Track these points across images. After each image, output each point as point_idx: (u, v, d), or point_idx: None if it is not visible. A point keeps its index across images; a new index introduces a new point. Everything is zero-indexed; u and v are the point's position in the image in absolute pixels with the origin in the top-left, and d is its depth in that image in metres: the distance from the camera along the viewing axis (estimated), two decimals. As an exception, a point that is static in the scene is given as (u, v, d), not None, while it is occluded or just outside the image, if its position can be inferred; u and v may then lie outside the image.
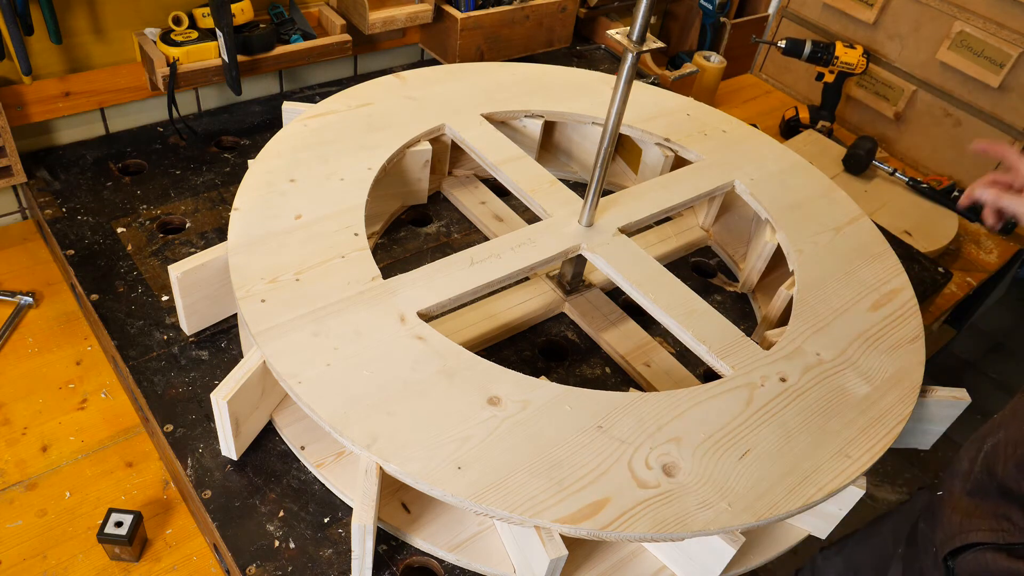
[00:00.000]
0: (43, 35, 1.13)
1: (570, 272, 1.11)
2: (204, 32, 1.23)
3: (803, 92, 2.03)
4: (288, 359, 0.81)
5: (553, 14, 1.59)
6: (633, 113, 1.29)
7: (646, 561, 0.87)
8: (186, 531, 0.90)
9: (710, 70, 1.83)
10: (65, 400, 1.00)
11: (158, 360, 0.98)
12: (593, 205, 1.03)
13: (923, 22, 1.73)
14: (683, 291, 0.99)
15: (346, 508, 0.86)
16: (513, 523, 0.74)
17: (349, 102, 1.19)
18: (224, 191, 1.23)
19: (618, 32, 0.88)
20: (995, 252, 1.64)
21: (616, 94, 0.91)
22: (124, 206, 1.18)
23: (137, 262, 1.10)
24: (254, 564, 0.80)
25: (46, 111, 1.20)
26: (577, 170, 1.40)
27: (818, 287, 1.04)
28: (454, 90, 1.26)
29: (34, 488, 0.91)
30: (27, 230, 1.23)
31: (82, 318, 1.11)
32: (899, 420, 0.89)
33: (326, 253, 0.93)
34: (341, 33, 1.37)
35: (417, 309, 0.89)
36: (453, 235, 1.23)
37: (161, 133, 1.32)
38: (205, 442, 0.90)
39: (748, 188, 1.19)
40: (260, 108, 1.42)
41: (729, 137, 1.30)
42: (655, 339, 1.09)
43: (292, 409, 0.92)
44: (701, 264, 1.29)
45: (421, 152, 1.16)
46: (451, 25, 1.47)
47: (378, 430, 0.76)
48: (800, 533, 0.92)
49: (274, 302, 0.86)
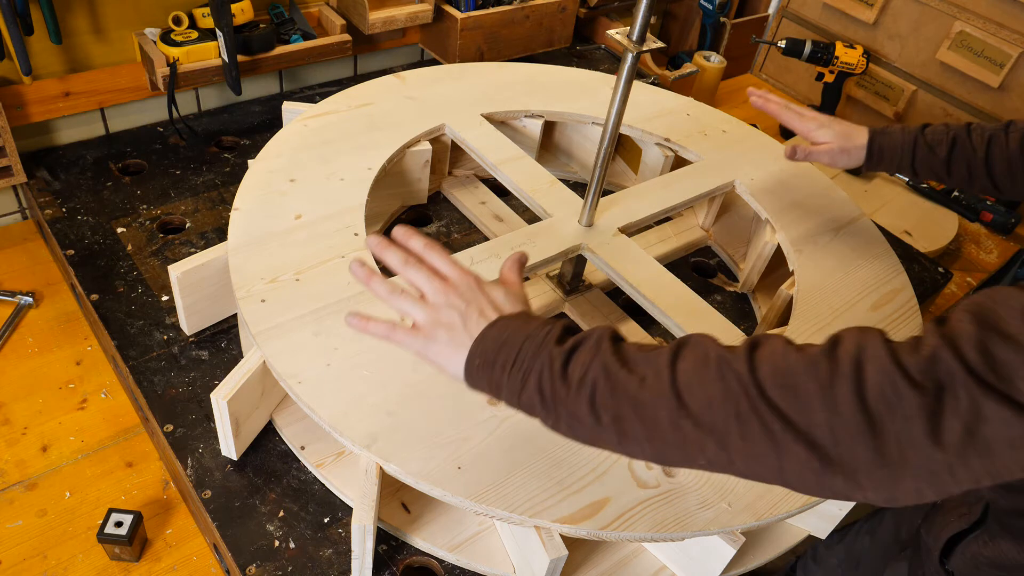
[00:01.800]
0: (43, 35, 1.13)
1: (570, 272, 1.11)
2: (204, 32, 1.23)
3: (803, 92, 2.03)
4: (288, 359, 0.81)
5: (553, 14, 1.59)
6: (633, 113, 1.29)
7: (646, 561, 0.87)
8: (186, 531, 0.90)
9: (710, 70, 1.83)
10: (65, 400, 1.00)
11: (158, 360, 0.98)
12: (593, 205, 1.03)
13: (923, 22, 1.73)
14: (683, 291, 0.99)
15: (346, 508, 0.86)
16: (513, 523, 0.74)
17: (349, 102, 1.19)
18: (224, 191, 1.23)
19: (618, 32, 0.88)
20: (995, 252, 1.64)
21: (616, 94, 0.91)
22: (124, 206, 1.18)
23: (137, 262, 1.10)
24: (254, 564, 0.80)
25: (46, 111, 1.20)
26: (577, 170, 1.40)
27: (818, 287, 1.04)
28: (454, 90, 1.26)
29: (34, 488, 0.91)
30: (27, 230, 1.23)
31: (82, 318, 1.11)
32: (899, 420, 0.89)
33: (326, 253, 0.93)
34: (341, 33, 1.37)
35: (417, 309, 0.88)
36: (453, 235, 1.23)
37: (161, 133, 1.32)
38: (205, 442, 0.90)
39: (748, 188, 1.19)
40: (260, 108, 1.42)
41: (729, 137, 1.30)
42: (655, 339, 1.09)
43: (292, 409, 0.92)
44: (701, 264, 1.29)
45: (421, 152, 1.16)
46: (451, 25, 1.47)
47: (378, 430, 0.76)
48: (800, 533, 0.92)
49: (274, 302, 0.86)
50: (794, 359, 0.55)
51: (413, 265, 0.69)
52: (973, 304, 0.53)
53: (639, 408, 0.58)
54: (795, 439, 0.53)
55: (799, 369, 0.54)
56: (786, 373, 0.54)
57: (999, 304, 0.52)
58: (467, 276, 0.69)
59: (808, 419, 0.52)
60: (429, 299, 0.67)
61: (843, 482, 0.53)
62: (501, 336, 0.63)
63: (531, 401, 0.62)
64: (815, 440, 0.52)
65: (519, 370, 0.61)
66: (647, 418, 0.57)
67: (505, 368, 0.62)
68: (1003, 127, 0.98)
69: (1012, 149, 0.97)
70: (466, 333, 0.65)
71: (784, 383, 0.54)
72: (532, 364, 0.61)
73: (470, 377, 0.65)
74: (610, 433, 0.59)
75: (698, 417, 0.56)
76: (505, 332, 0.64)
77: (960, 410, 0.49)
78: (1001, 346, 0.50)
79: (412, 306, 0.68)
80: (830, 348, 0.55)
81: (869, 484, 0.52)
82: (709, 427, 0.55)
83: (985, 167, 0.98)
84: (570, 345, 0.61)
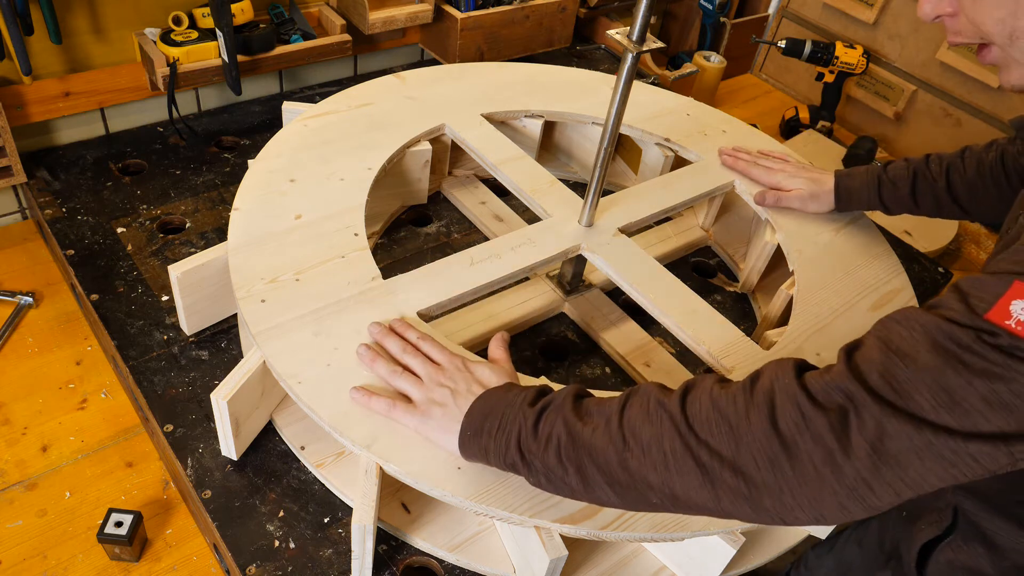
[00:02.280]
0: (43, 35, 1.13)
1: (570, 272, 1.11)
2: (204, 32, 1.23)
3: (803, 92, 2.03)
4: (288, 359, 0.81)
5: (553, 14, 1.59)
6: (633, 113, 1.29)
7: (646, 561, 0.87)
8: (186, 531, 0.90)
9: (710, 70, 1.83)
10: (65, 400, 1.00)
11: (158, 360, 0.98)
12: (593, 205, 1.03)
13: (923, 22, 1.73)
14: (683, 291, 0.99)
15: (346, 508, 0.86)
16: (513, 523, 0.74)
17: (349, 102, 1.19)
18: (224, 191, 1.23)
19: (618, 32, 0.88)
20: (995, 252, 1.64)
21: (616, 94, 0.91)
22: (124, 206, 1.18)
23: (137, 262, 1.10)
24: (254, 564, 0.80)
25: (46, 111, 1.20)
26: (577, 170, 1.40)
27: (818, 287, 1.04)
28: (454, 90, 1.26)
29: (34, 488, 0.91)
30: (27, 230, 1.23)
31: (82, 318, 1.11)
32: (899, 420, 0.89)
33: (326, 253, 0.93)
34: (341, 33, 1.37)
35: (417, 309, 0.89)
36: (453, 235, 1.23)
37: (161, 133, 1.32)
38: (205, 442, 0.90)
39: (748, 188, 1.19)
40: (260, 108, 1.42)
41: (729, 137, 1.30)
42: (655, 339, 1.09)
43: (292, 409, 0.92)
44: (701, 264, 1.29)
45: (421, 152, 1.16)
46: (451, 25, 1.47)
47: (378, 430, 0.76)
48: (800, 533, 0.92)
49: (274, 302, 0.86)
50: (718, 395, 0.61)
51: (410, 352, 0.80)
52: (882, 325, 0.59)
53: (593, 454, 0.64)
54: (722, 467, 0.58)
55: (721, 403, 0.60)
56: (711, 408, 0.61)
57: (903, 324, 0.57)
58: (455, 359, 0.78)
59: (732, 448, 0.58)
60: (423, 380, 0.77)
61: (772, 504, 0.58)
62: (486, 407, 0.71)
63: (514, 460, 0.68)
64: (739, 467, 0.58)
65: (502, 433, 0.69)
66: (601, 463, 0.64)
67: (491, 434, 0.69)
68: (959, 154, 1.04)
69: (969, 175, 1.02)
70: (456, 408, 0.73)
71: (709, 417, 0.60)
72: (512, 427, 0.68)
73: (463, 448, 0.72)
74: (576, 482, 0.65)
75: (640, 457, 0.62)
76: (489, 403, 0.72)
77: (865, 428, 0.54)
78: (900, 366, 0.55)
79: (409, 385, 0.77)
80: (749, 382, 0.61)
81: (795, 503, 0.57)
82: (651, 465, 0.61)
83: (949, 195, 1.04)
84: (540, 406, 0.69)
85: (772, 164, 1.18)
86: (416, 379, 0.77)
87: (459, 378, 0.76)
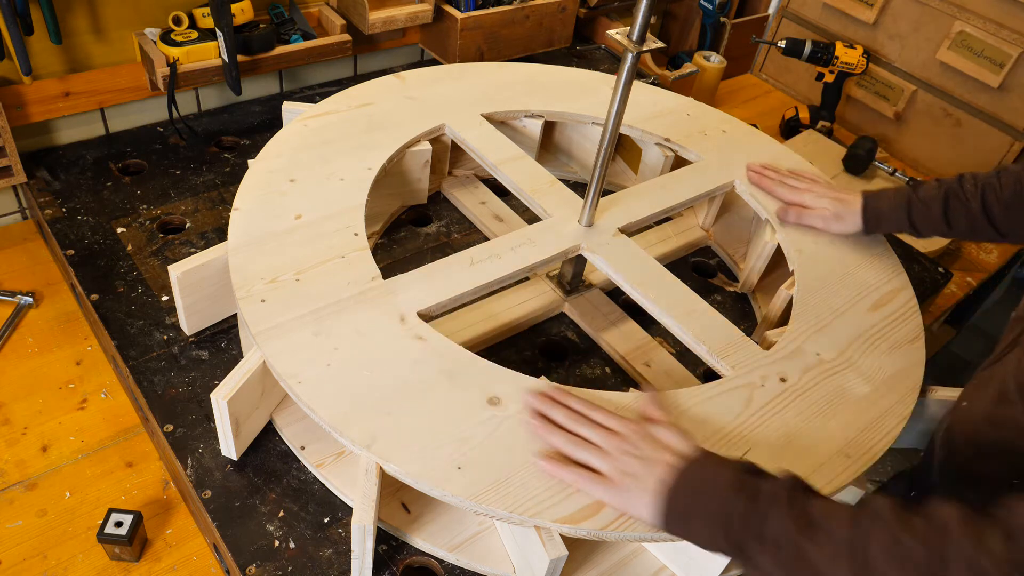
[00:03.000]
0: (43, 35, 1.13)
1: (570, 272, 1.11)
2: (204, 32, 1.23)
3: (803, 92, 2.03)
4: (288, 359, 0.81)
5: (553, 14, 1.59)
6: (633, 113, 1.29)
7: (646, 561, 0.87)
8: (186, 531, 0.90)
9: (710, 70, 1.83)
10: (65, 400, 1.00)
11: (158, 360, 0.98)
12: (593, 205, 1.03)
13: (923, 22, 1.73)
14: (683, 291, 0.99)
15: (346, 508, 0.86)
16: (513, 523, 0.74)
17: (349, 102, 1.19)
18: (224, 191, 1.23)
19: (618, 32, 0.88)
20: (995, 252, 1.64)
21: (616, 94, 0.91)
22: (124, 206, 1.18)
23: (137, 262, 1.10)
24: (254, 564, 0.80)
25: (46, 111, 1.20)
26: (577, 170, 1.40)
27: (818, 287, 1.04)
28: (454, 90, 1.26)
29: (34, 488, 0.91)
30: (27, 230, 1.23)
31: (82, 318, 1.11)
32: (899, 420, 0.89)
33: (326, 253, 0.93)
34: (341, 33, 1.37)
35: (417, 309, 0.89)
36: (453, 235, 1.23)
37: (161, 133, 1.32)
38: (205, 442, 0.90)
39: (748, 188, 1.19)
40: (260, 108, 1.42)
41: (729, 137, 1.30)
42: (655, 339, 1.09)
43: (292, 409, 0.92)
44: (701, 264, 1.29)
45: (421, 152, 1.16)
46: (451, 25, 1.47)
47: (378, 430, 0.76)
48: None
49: (274, 302, 0.86)
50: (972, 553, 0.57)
51: (582, 422, 0.77)
52: None
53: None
54: None
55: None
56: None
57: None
58: (630, 424, 0.76)
59: None
60: (608, 451, 0.74)
61: None
62: (688, 486, 0.70)
63: (724, 549, 0.67)
64: None
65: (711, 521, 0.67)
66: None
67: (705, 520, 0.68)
68: (995, 173, 1.00)
69: (1007, 195, 0.98)
70: (652, 477, 0.71)
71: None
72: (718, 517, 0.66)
73: (668, 525, 0.70)
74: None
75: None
76: (691, 483, 0.70)
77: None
78: None
79: (593, 457, 0.75)
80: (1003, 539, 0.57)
81: None
82: None
83: (984, 216, 1.00)
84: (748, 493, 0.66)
85: (799, 184, 1.15)
86: (598, 449, 0.75)
87: (643, 445, 0.74)
